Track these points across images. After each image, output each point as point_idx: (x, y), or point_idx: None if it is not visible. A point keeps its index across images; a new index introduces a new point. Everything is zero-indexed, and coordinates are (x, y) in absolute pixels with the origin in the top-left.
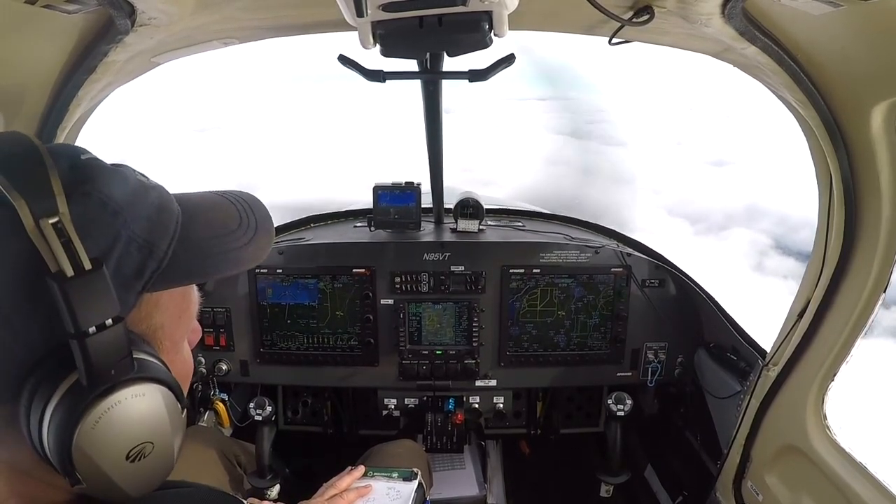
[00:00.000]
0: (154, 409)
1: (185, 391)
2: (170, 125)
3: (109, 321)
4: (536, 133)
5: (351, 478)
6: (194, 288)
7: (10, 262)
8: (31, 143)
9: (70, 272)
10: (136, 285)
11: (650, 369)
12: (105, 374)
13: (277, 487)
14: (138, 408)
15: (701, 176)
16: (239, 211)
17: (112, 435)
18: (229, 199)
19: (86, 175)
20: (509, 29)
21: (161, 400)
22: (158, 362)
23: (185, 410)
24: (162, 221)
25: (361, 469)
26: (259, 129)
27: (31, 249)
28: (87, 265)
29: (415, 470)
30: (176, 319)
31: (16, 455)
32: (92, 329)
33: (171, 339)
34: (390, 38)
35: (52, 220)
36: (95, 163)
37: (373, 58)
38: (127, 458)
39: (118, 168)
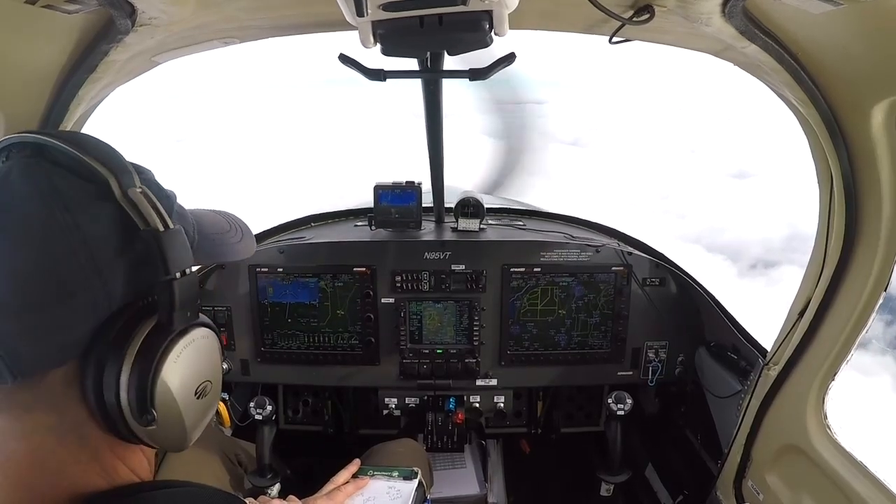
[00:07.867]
0: (214, 351)
1: None
2: (146, 134)
3: (188, 270)
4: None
5: (348, 472)
6: None
7: (103, 222)
8: (102, 140)
9: (161, 228)
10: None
11: (651, 368)
12: (185, 314)
13: (278, 486)
14: (206, 347)
15: (724, 192)
16: (228, 221)
17: (188, 369)
18: (216, 212)
19: (137, 166)
20: (510, 28)
21: (217, 344)
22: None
23: None
24: (184, 214)
25: (357, 462)
26: (248, 137)
27: (118, 213)
28: (171, 224)
29: (415, 469)
30: None
31: (64, 419)
32: (178, 274)
33: None
34: (391, 38)
35: (138, 189)
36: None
37: (373, 57)
38: (195, 393)
39: None
